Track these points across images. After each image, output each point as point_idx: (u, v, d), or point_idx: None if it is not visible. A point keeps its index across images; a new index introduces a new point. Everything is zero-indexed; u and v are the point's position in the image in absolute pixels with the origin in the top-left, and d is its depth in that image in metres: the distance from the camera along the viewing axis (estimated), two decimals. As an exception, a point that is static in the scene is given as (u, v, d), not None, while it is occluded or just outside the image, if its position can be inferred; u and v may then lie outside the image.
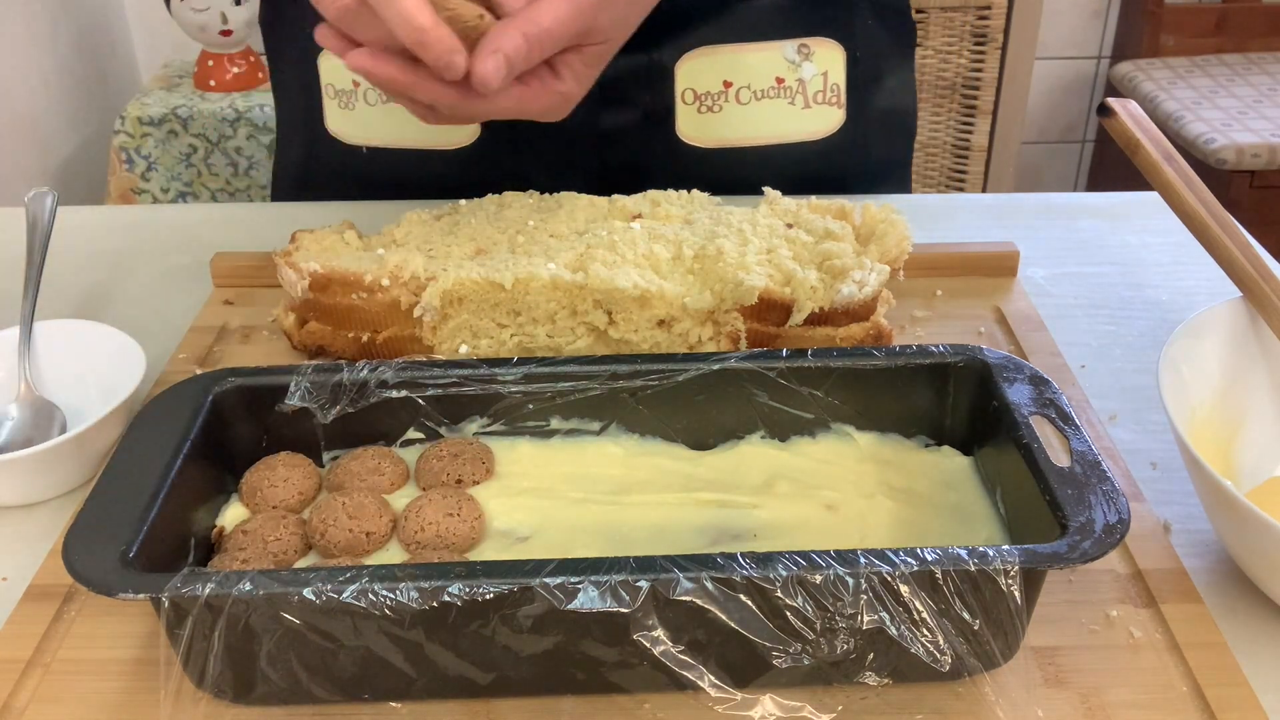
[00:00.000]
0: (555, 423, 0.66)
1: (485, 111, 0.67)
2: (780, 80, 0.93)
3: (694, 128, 0.93)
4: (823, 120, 0.96)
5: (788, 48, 0.93)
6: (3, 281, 0.88)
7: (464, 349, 0.75)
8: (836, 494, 0.64)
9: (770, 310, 0.73)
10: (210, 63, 2.37)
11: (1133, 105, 0.75)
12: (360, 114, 0.96)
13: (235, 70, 2.37)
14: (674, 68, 0.91)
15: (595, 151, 0.93)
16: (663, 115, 0.93)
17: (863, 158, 1.00)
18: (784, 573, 0.50)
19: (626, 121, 0.94)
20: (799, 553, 0.51)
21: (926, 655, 0.52)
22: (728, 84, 0.92)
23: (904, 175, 1.06)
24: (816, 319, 0.74)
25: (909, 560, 0.51)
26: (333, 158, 0.99)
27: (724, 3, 0.82)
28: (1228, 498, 0.56)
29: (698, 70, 0.91)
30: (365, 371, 0.64)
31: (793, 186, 0.88)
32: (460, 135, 0.95)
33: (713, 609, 0.50)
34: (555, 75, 0.69)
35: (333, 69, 0.96)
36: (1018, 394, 0.61)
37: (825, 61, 0.94)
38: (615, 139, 0.94)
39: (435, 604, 0.50)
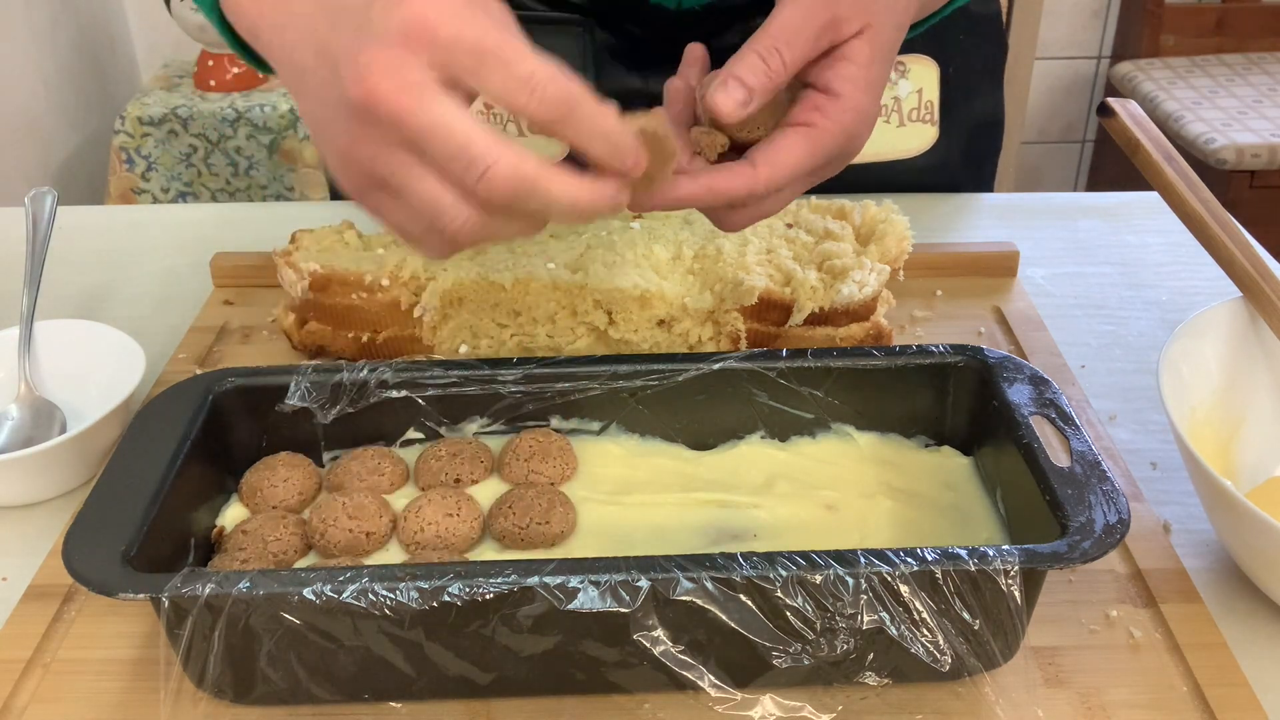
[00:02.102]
0: (555, 423, 0.66)
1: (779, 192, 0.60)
2: None
3: None
4: (916, 138, 0.95)
5: None
6: (3, 281, 0.88)
7: (464, 349, 0.75)
8: (836, 494, 0.64)
9: (770, 310, 0.73)
10: (210, 63, 2.37)
11: (1133, 105, 0.75)
12: None
13: (235, 70, 2.37)
14: None
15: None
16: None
17: (952, 173, 1.00)
18: (784, 573, 0.50)
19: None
20: (799, 553, 0.51)
21: (926, 655, 0.52)
22: None
23: (989, 188, 1.05)
24: (816, 319, 0.74)
25: (909, 560, 0.51)
26: None
27: None
28: (1228, 498, 0.56)
29: None
30: (365, 371, 0.64)
31: None
32: (551, 150, 0.93)
33: (713, 609, 0.50)
34: (833, 96, 0.60)
35: None
36: (1018, 394, 0.61)
37: (920, 78, 0.93)
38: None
39: (435, 604, 0.50)
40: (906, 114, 0.95)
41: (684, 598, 0.50)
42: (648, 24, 0.89)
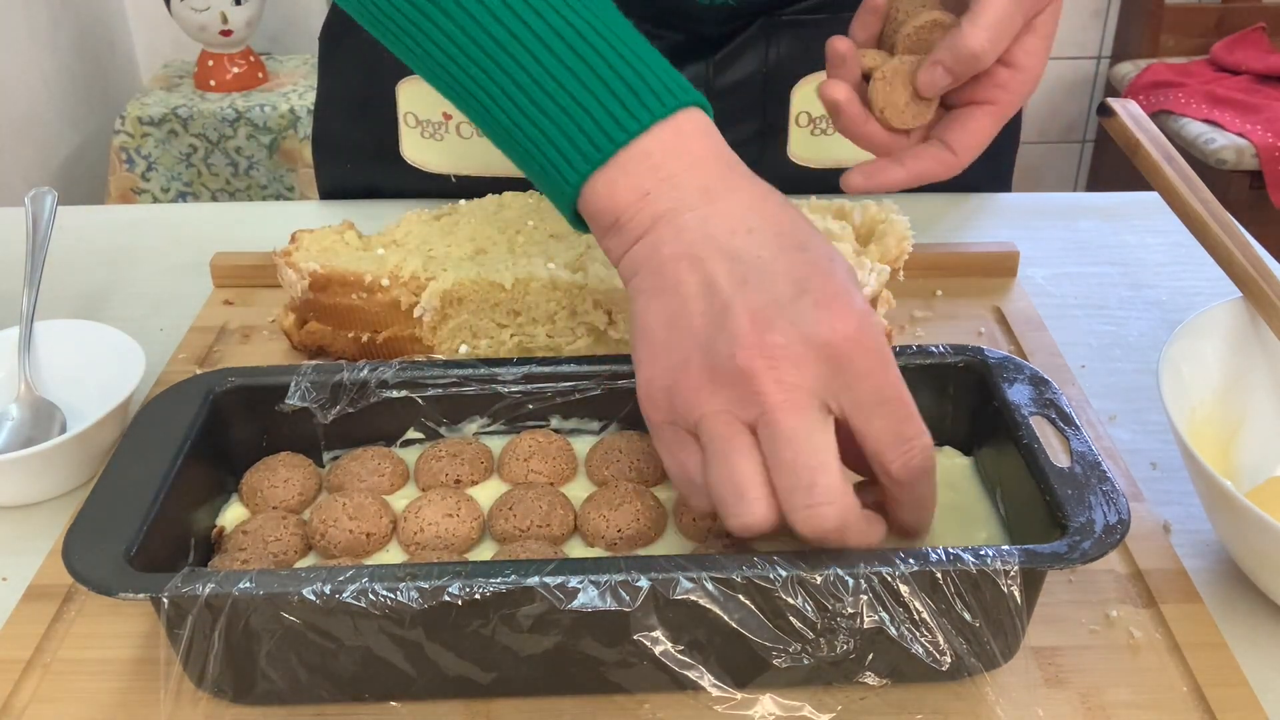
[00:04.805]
0: (555, 423, 0.66)
1: None
2: None
3: (806, 149, 0.94)
4: None
5: None
6: (3, 281, 0.88)
7: (464, 349, 0.75)
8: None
9: (770, 310, 0.73)
10: (210, 63, 2.37)
11: (1133, 105, 0.75)
12: (450, 145, 0.94)
13: (235, 70, 2.37)
14: (791, 92, 0.92)
15: None
16: (774, 136, 0.94)
17: (970, 170, 0.99)
18: (784, 573, 0.50)
19: (736, 141, 0.94)
20: (799, 553, 0.51)
21: (926, 655, 0.52)
22: None
23: (1006, 181, 1.06)
24: (816, 319, 0.73)
25: (909, 560, 0.51)
26: (408, 183, 0.97)
27: (845, 27, 0.83)
28: (1228, 498, 0.56)
29: (815, 94, 0.91)
30: (365, 371, 0.64)
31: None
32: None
33: (713, 609, 0.50)
34: (1017, 69, 0.62)
35: (415, 97, 0.93)
36: (1018, 394, 0.61)
37: None
38: None
39: (435, 604, 0.50)
40: None
41: (684, 597, 0.50)
42: (670, 24, 0.89)
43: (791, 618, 0.51)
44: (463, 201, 0.84)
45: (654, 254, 0.53)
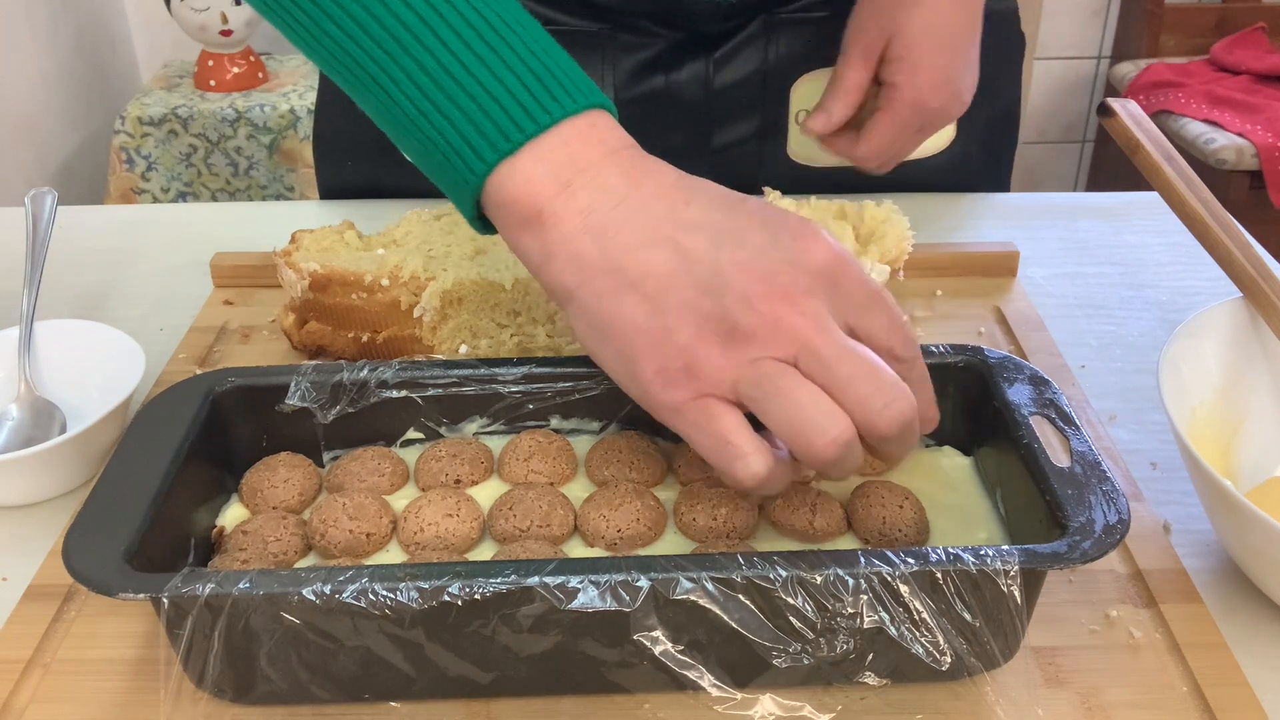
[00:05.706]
0: (555, 423, 0.66)
1: None
2: None
3: (804, 147, 0.94)
4: (937, 137, 0.95)
5: None
6: (3, 281, 0.88)
7: (464, 349, 0.75)
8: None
9: (770, 310, 0.73)
10: (210, 63, 2.37)
11: (1133, 105, 0.75)
12: None
13: (235, 70, 2.38)
14: (790, 90, 0.92)
15: (706, 168, 0.93)
16: (773, 135, 0.94)
17: (969, 169, 1.00)
18: (784, 573, 0.50)
19: (737, 139, 0.95)
20: (799, 552, 0.51)
21: (926, 655, 0.52)
22: None
23: (1005, 181, 1.06)
24: (816, 319, 0.73)
25: (909, 560, 0.51)
26: (408, 181, 0.96)
27: (845, 25, 0.83)
28: (1228, 498, 0.56)
29: (814, 92, 0.91)
30: (365, 371, 0.64)
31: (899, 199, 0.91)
32: None
33: (713, 609, 0.50)
34: (893, 86, 0.81)
35: None
36: (1018, 394, 0.61)
37: None
38: (725, 156, 0.95)
39: (435, 604, 0.50)
40: None
41: (684, 597, 0.50)
42: (670, 22, 0.89)
43: (791, 618, 0.51)
44: (463, 201, 0.84)
45: (602, 254, 0.53)
